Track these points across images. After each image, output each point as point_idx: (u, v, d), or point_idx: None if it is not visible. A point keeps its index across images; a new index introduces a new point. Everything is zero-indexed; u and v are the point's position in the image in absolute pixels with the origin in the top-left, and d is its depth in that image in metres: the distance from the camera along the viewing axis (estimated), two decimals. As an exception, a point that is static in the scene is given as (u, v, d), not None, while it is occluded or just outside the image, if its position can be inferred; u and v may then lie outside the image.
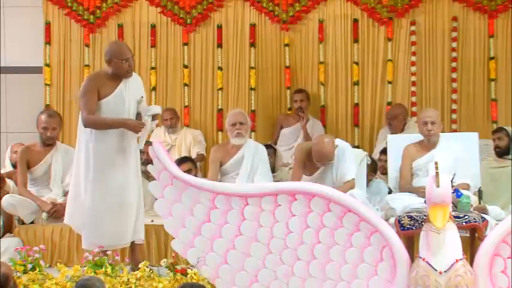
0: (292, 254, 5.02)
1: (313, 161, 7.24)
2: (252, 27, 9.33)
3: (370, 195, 7.57)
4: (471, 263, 4.82)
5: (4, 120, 9.36)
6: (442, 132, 7.21)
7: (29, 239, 7.08)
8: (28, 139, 8.09)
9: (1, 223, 7.11)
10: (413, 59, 9.18)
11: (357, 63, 9.23)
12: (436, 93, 9.17)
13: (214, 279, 5.20)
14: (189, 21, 9.36)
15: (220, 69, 9.34)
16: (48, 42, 9.41)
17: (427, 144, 7.10)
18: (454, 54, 9.12)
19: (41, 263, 6.06)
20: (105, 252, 6.13)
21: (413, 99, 9.18)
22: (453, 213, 5.06)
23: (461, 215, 5.99)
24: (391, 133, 8.34)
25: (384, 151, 7.86)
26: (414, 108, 9.11)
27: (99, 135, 6.34)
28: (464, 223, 5.97)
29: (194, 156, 8.68)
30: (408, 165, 7.12)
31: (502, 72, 9.06)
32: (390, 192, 7.34)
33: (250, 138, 7.88)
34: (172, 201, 5.24)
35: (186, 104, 9.38)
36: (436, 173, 4.77)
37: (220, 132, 9.30)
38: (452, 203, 5.25)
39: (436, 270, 4.69)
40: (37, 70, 9.41)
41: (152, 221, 6.99)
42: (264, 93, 9.37)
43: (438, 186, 4.77)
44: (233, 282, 5.12)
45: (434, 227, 4.72)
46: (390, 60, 9.21)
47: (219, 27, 9.36)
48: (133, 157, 6.44)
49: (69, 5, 9.36)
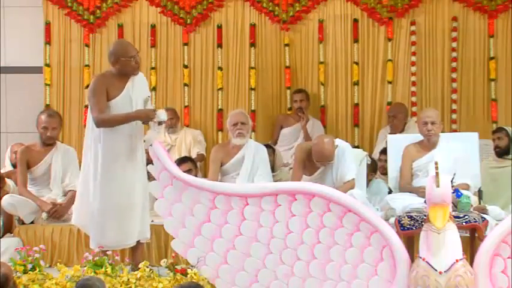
0: (292, 254, 5.01)
1: (313, 161, 7.25)
2: (252, 27, 9.33)
3: (370, 195, 7.57)
4: (471, 263, 4.82)
5: (4, 120, 9.35)
6: (442, 132, 7.22)
7: (29, 239, 7.07)
8: (28, 139, 8.08)
9: (1, 223, 7.10)
10: (413, 59, 9.18)
11: (357, 63, 9.23)
12: (436, 93, 9.16)
13: (214, 279, 5.20)
14: (189, 21, 9.36)
15: (220, 69, 9.34)
16: (48, 42, 9.40)
17: (427, 144, 7.10)
18: (454, 54, 9.12)
19: (41, 263, 6.06)
20: (105, 252, 6.13)
21: (413, 99, 9.18)
22: (453, 213, 5.06)
23: (461, 215, 5.99)
24: (391, 133, 8.34)
25: (384, 151, 7.86)
26: (414, 108, 9.11)
27: (108, 136, 6.34)
28: (464, 223, 5.96)
29: (194, 156, 8.68)
30: (408, 166, 7.12)
31: (502, 72, 9.06)
32: (390, 192, 7.34)
33: (250, 138, 7.88)
34: (172, 201, 5.23)
35: (186, 104, 9.38)
36: (436, 173, 4.77)
37: (220, 132, 9.29)
38: (452, 203, 5.25)
39: (436, 270, 4.68)
40: (37, 70, 9.40)
41: (152, 221, 6.97)
42: (264, 93, 9.36)
43: (438, 186, 4.77)
44: (233, 282, 5.12)
45: (434, 227, 4.72)
46: (390, 60, 9.20)
47: (219, 27, 9.35)
48: (140, 157, 6.45)
49: (69, 5, 9.35)
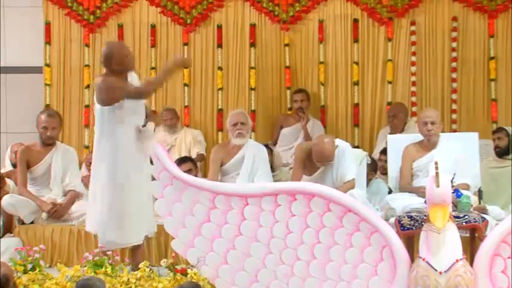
0: (292, 254, 5.02)
1: (313, 161, 7.25)
2: (252, 27, 9.32)
3: (370, 195, 7.57)
4: (471, 263, 4.82)
5: (4, 120, 9.35)
6: (442, 132, 7.22)
7: (29, 239, 7.06)
8: (28, 139, 8.08)
9: (1, 223, 7.10)
10: (413, 59, 9.17)
11: (357, 63, 9.22)
12: (436, 93, 9.16)
13: (214, 279, 5.20)
14: (189, 21, 9.36)
15: (220, 69, 9.33)
16: (48, 42, 9.40)
17: (427, 144, 7.10)
18: (454, 54, 9.11)
19: (41, 263, 6.05)
20: (105, 252, 6.13)
21: (413, 99, 9.17)
22: (453, 213, 5.06)
23: (461, 215, 5.98)
24: (391, 133, 8.33)
25: (384, 151, 7.86)
26: (414, 108, 9.10)
27: (122, 135, 6.33)
28: (464, 223, 5.96)
29: (194, 156, 8.67)
30: (408, 166, 7.12)
31: (502, 72, 9.06)
32: (390, 192, 7.34)
33: (250, 138, 7.87)
34: (172, 201, 5.23)
35: (186, 104, 9.37)
36: (436, 173, 4.77)
37: (220, 132, 9.29)
38: (452, 203, 5.25)
39: (436, 270, 4.69)
40: (37, 70, 9.39)
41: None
42: (264, 93, 9.36)
43: (438, 186, 4.77)
44: (233, 282, 5.12)
45: (434, 227, 4.72)
46: (390, 60, 9.20)
47: (219, 27, 9.35)
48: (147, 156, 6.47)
49: (69, 5, 9.35)
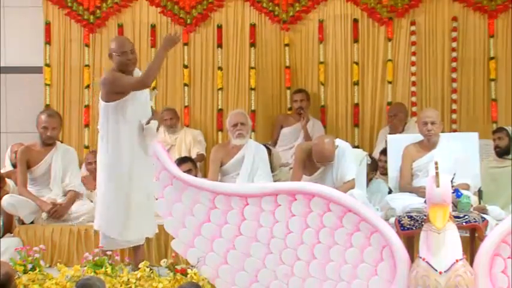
0: (292, 254, 5.01)
1: (313, 161, 7.25)
2: (252, 27, 9.33)
3: (370, 195, 7.57)
4: (471, 263, 4.82)
5: (4, 120, 9.35)
6: (442, 132, 7.22)
7: (29, 239, 7.06)
8: (28, 139, 8.07)
9: (1, 223, 7.10)
10: (413, 59, 9.18)
11: (357, 63, 9.23)
12: (436, 93, 9.17)
13: (214, 279, 5.19)
14: (189, 21, 9.36)
15: (220, 69, 9.33)
16: (48, 42, 9.40)
17: (427, 144, 7.11)
18: (454, 54, 9.12)
19: (41, 263, 6.06)
20: (105, 252, 6.13)
21: (413, 99, 9.18)
22: (453, 213, 5.05)
23: (461, 215, 5.99)
24: (391, 133, 8.33)
25: (384, 151, 7.86)
26: (414, 108, 9.11)
27: (125, 133, 6.36)
28: (464, 223, 5.96)
29: (194, 156, 8.68)
30: (408, 166, 7.12)
31: (502, 72, 9.06)
32: (390, 192, 7.34)
33: (250, 138, 7.87)
34: (172, 201, 5.22)
35: (186, 104, 9.37)
36: (436, 173, 4.77)
37: (220, 132, 9.29)
38: (452, 203, 5.25)
39: (436, 270, 4.68)
40: (37, 70, 9.39)
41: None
42: (264, 93, 9.36)
43: (438, 186, 4.76)
44: (233, 282, 5.11)
45: (434, 227, 4.72)
46: (390, 60, 9.20)
47: (219, 27, 9.35)
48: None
49: (69, 5, 9.35)
